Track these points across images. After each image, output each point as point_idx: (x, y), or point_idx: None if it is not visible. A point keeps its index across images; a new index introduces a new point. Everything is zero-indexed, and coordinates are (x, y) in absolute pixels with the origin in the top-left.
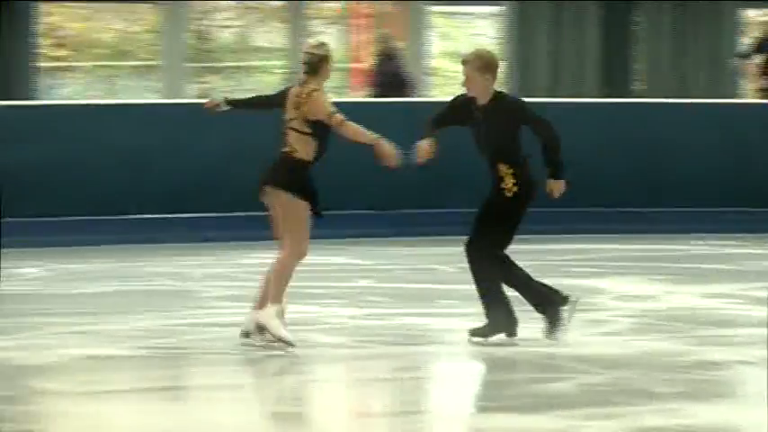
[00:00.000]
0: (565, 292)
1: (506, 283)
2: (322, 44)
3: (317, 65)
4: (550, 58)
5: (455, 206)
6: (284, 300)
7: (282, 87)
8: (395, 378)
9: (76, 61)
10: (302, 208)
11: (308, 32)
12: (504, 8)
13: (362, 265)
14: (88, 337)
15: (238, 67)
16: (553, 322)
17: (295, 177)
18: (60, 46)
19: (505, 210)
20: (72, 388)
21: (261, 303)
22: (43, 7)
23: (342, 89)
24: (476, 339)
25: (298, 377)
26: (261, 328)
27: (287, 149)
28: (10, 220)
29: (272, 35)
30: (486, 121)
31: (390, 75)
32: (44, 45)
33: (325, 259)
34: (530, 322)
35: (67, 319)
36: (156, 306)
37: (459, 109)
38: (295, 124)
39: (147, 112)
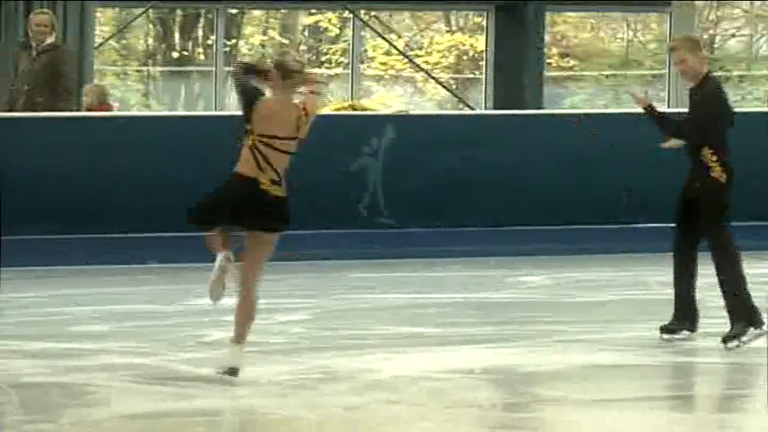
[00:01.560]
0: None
1: (679, 277)
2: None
3: None
4: None
5: None
6: None
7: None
8: None
9: (583, 71)
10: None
11: None
12: None
13: None
14: (593, 345)
15: (742, 77)
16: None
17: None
18: (566, 55)
19: (722, 198)
20: (576, 396)
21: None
22: (551, 16)
23: None
24: (730, 345)
25: None
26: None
27: (279, 182)
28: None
29: None
30: (700, 103)
31: None
32: (551, 54)
33: None
34: None
35: (573, 327)
36: (659, 315)
37: None
38: (289, 147)
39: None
